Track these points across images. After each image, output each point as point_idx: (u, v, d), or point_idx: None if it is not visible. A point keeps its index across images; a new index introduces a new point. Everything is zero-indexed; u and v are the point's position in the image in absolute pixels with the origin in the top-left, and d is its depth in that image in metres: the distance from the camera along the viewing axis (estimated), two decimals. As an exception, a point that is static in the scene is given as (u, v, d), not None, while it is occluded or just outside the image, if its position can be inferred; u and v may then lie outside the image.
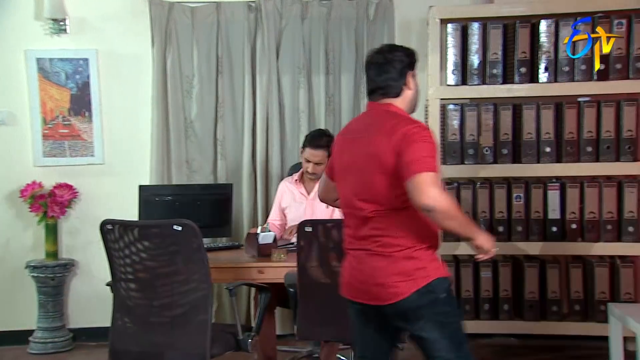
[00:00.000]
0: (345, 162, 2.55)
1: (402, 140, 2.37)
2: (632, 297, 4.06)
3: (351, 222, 2.53)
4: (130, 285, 2.97)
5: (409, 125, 2.42)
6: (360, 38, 4.54)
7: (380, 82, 2.55)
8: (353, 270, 2.52)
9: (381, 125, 2.47)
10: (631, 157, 4.03)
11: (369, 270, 2.45)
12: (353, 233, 2.52)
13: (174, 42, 4.57)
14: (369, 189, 2.45)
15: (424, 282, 2.42)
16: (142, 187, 4.06)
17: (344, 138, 2.61)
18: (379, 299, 2.44)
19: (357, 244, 2.50)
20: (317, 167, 3.89)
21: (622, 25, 3.97)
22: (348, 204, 2.53)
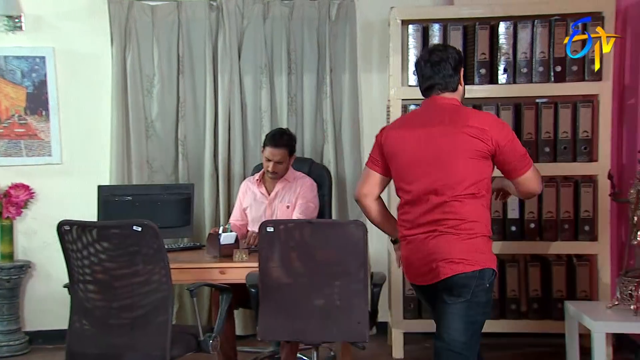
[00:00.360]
0: (416, 154, 2.72)
1: (501, 133, 2.66)
2: (588, 295, 4.15)
3: (416, 209, 2.71)
4: (88, 287, 2.93)
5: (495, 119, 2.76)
6: (322, 38, 4.55)
7: (438, 78, 2.77)
8: (413, 255, 2.73)
9: (460, 117, 2.70)
10: (587, 157, 4.12)
11: (432, 249, 2.66)
12: (414, 219, 2.72)
13: (134, 41, 4.52)
14: (451, 176, 2.66)
15: (479, 267, 2.64)
16: (101, 187, 4.01)
17: (407, 132, 2.77)
18: (437, 276, 2.65)
19: (421, 229, 2.69)
20: (278, 166, 3.89)
21: (578, 28, 4.05)
22: (420, 191, 2.70)
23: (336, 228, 3.16)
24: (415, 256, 2.72)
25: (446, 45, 3.05)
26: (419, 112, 2.92)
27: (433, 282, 2.68)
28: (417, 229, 2.71)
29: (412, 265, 2.76)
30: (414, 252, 2.72)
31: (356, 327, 3.04)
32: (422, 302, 2.89)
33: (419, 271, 2.73)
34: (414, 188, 2.74)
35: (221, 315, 3.16)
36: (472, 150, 2.66)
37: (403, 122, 2.94)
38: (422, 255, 2.70)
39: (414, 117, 2.93)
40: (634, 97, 4.11)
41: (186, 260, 3.64)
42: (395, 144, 2.80)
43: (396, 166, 2.80)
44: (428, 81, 2.79)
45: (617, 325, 3.43)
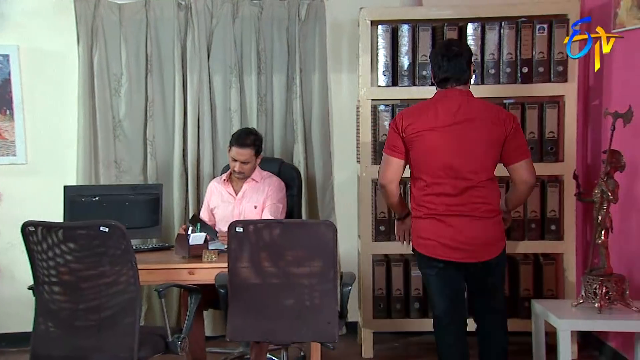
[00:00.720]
0: (441, 142, 3.03)
1: (512, 123, 3.07)
2: (554, 293, 4.22)
3: (448, 192, 3.04)
4: (54, 289, 2.90)
5: (506, 111, 3.19)
6: (292, 38, 4.56)
7: (455, 71, 3.08)
8: (456, 232, 3.04)
9: (484, 110, 3.08)
10: (553, 157, 4.19)
11: (475, 231, 3.04)
12: (449, 201, 3.04)
13: (101, 40, 4.48)
14: (478, 161, 3.04)
15: (504, 244, 3.19)
16: (67, 188, 3.97)
17: (429, 121, 3.05)
18: (482, 257, 3.07)
19: (457, 210, 3.03)
20: (244, 166, 3.89)
21: (543, 30, 4.13)
22: (447, 175, 3.03)
23: (306, 228, 3.17)
24: (460, 234, 3.04)
25: (461, 40, 3.43)
26: (436, 102, 3.14)
27: (475, 261, 3.09)
28: (456, 209, 3.04)
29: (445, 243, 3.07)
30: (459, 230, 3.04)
31: (326, 327, 3.06)
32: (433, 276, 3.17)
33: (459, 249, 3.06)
34: (439, 172, 3.05)
35: (190, 316, 3.15)
36: (491, 140, 3.06)
37: (421, 111, 3.14)
38: (468, 235, 3.04)
39: (432, 107, 3.13)
40: (598, 98, 4.19)
41: (155, 260, 3.62)
42: (418, 133, 3.07)
43: (421, 153, 3.09)
44: (444, 74, 3.09)
45: (582, 323, 3.49)
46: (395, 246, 4.26)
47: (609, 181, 3.47)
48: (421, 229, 3.16)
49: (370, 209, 4.26)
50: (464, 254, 3.08)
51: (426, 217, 3.12)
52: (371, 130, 4.24)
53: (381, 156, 4.19)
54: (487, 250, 3.10)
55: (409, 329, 4.39)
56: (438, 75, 3.11)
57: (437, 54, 3.14)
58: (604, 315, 3.38)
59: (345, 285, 3.26)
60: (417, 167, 3.14)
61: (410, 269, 4.29)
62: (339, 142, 4.67)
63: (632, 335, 3.62)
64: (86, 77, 4.48)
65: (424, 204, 3.12)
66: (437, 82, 3.14)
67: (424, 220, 3.13)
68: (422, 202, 3.13)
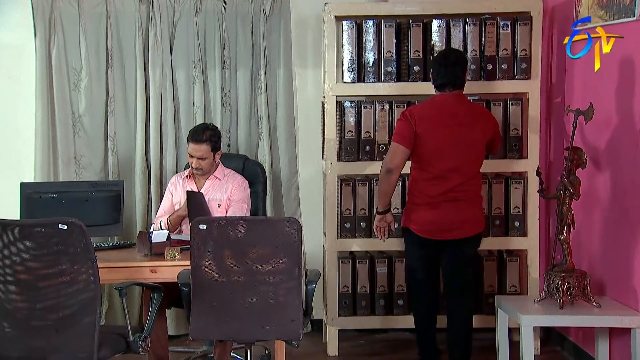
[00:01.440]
0: (444, 139, 3.51)
1: (495, 124, 3.72)
2: (518, 290, 4.27)
3: (443, 183, 3.54)
4: (9, 288, 2.84)
5: (489, 112, 3.88)
6: (256, 33, 4.53)
7: (451, 78, 3.57)
8: (447, 215, 3.55)
9: (477, 112, 3.66)
10: (517, 154, 4.24)
11: (462, 213, 3.58)
12: (443, 189, 3.53)
13: (59, 33, 4.40)
14: (473, 157, 3.60)
15: (484, 223, 3.84)
16: (24, 185, 3.90)
17: (435, 120, 3.54)
18: (467, 232, 3.61)
19: (450, 197, 3.54)
20: (201, 161, 3.87)
21: (507, 27, 4.17)
22: (451, 170, 3.53)
23: (270, 225, 3.16)
24: (452, 214, 3.54)
25: (458, 50, 3.90)
26: (440, 104, 3.60)
27: (462, 237, 3.60)
28: (449, 196, 3.53)
29: (438, 225, 3.57)
30: (451, 212, 3.54)
31: (290, 325, 3.05)
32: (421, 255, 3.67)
33: (448, 229, 3.57)
34: (442, 167, 3.53)
35: (151, 314, 3.12)
36: (483, 140, 3.62)
37: (430, 110, 3.59)
38: (459, 216, 3.56)
39: (437, 108, 3.60)
40: (560, 95, 4.25)
41: (116, 259, 3.57)
42: (427, 129, 3.52)
43: (427, 148, 3.53)
44: (442, 79, 3.58)
45: (544, 319, 3.54)
46: (360, 243, 4.29)
47: (571, 178, 3.52)
48: (420, 215, 3.60)
49: (335, 206, 4.27)
50: (455, 232, 3.59)
51: (425, 204, 3.58)
52: (336, 127, 4.24)
53: (346, 152, 4.24)
54: (473, 227, 3.65)
55: (375, 326, 4.41)
56: (437, 80, 3.60)
57: (436, 61, 3.64)
58: (565, 311, 3.44)
59: (310, 282, 3.25)
60: (423, 161, 3.58)
61: (376, 266, 4.31)
62: (304, 138, 4.66)
63: (592, 330, 3.69)
64: (44, 71, 4.40)
65: (425, 193, 3.58)
66: (435, 86, 3.62)
67: (424, 206, 3.58)
68: (423, 191, 3.58)
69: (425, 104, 3.67)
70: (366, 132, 4.25)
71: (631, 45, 3.44)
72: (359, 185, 4.27)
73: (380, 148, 4.24)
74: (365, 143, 4.25)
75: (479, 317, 4.21)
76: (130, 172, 4.52)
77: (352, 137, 4.25)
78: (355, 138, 4.25)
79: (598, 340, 3.63)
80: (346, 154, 4.25)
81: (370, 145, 4.25)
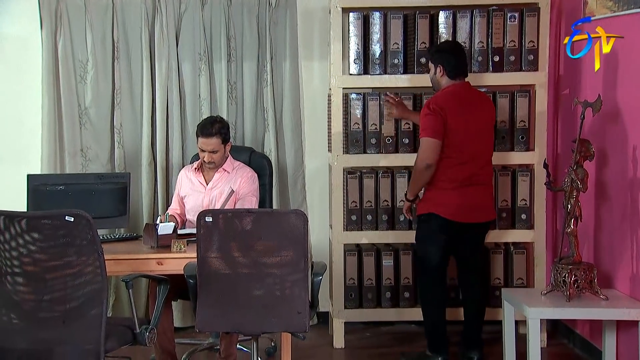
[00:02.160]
0: (468, 128, 3.68)
1: (494, 107, 3.98)
2: (524, 282, 4.27)
3: (468, 167, 3.71)
4: (17, 280, 2.85)
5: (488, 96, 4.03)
6: (262, 25, 4.52)
7: (465, 66, 3.80)
8: (475, 197, 3.74)
9: (483, 97, 3.89)
10: (524, 146, 4.23)
11: (486, 196, 3.82)
12: (469, 173, 3.71)
13: (65, 25, 4.41)
14: (489, 141, 3.86)
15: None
16: (31, 177, 3.90)
17: (460, 110, 3.68)
18: (489, 216, 3.86)
19: (475, 180, 3.73)
20: (213, 155, 3.87)
21: (514, 18, 4.16)
22: (474, 154, 3.72)
23: (276, 217, 3.16)
24: (478, 198, 3.75)
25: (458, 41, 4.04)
26: (456, 92, 3.73)
27: (483, 220, 3.82)
28: (475, 179, 3.72)
29: (468, 208, 3.72)
30: (477, 196, 3.74)
31: (296, 317, 3.06)
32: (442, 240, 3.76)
33: (476, 211, 3.75)
34: (468, 152, 3.69)
35: (158, 306, 3.12)
36: (492, 123, 3.89)
37: (449, 100, 3.70)
38: (484, 200, 3.78)
39: (455, 97, 3.73)
40: (568, 87, 4.24)
41: (122, 251, 3.58)
42: (455, 119, 3.66)
43: (456, 137, 3.67)
44: (457, 68, 3.75)
45: (551, 311, 3.54)
46: (367, 235, 4.29)
47: (578, 170, 3.51)
48: (448, 199, 3.71)
49: (341, 198, 4.27)
50: (480, 214, 3.79)
51: (452, 189, 3.70)
52: (343, 119, 4.24)
53: (352, 145, 4.24)
54: (492, 211, 3.91)
55: (381, 319, 4.42)
56: (452, 71, 3.74)
57: (448, 52, 3.77)
58: (572, 304, 3.43)
59: (316, 275, 3.26)
60: (451, 149, 3.69)
61: (382, 259, 4.31)
62: (310, 130, 4.66)
63: (600, 323, 3.68)
64: (50, 63, 4.41)
65: (452, 179, 3.70)
66: (450, 76, 3.74)
67: (451, 190, 3.70)
68: (449, 177, 3.70)
69: (445, 95, 3.73)
70: (372, 125, 4.24)
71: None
72: (365, 177, 4.27)
73: (387, 140, 4.24)
74: (372, 135, 4.25)
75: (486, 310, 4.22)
76: (136, 165, 4.54)
77: (359, 130, 4.24)
78: (362, 130, 4.25)
79: (605, 333, 3.62)
80: (352, 146, 4.25)
81: (377, 138, 4.25)
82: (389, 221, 4.27)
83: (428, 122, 3.66)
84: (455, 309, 4.09)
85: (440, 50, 3.81)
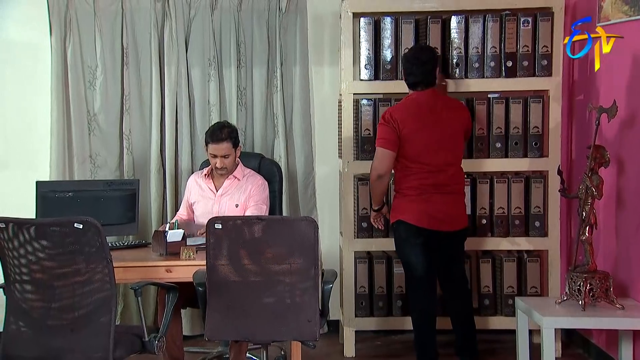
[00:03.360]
0: (430, 136, 3.66)
1: (467, 111, 3.92)
2: (538, 291, 4.25)
3: (432, 176, 3.67)
4: (25, 287, 2.86)
5: (460, 102, 3.96)
6: (272, 30, 4.53)
7: (424, 77, 3.72)
8: (441, 206, 3.69)
9: (451, 105, 3.82)
10: (538, 153, 4.21)
11: (454, 206, 3.76)
12: (433, 182, 3.67)
13: (75, 31, 4.44)
14: (457, 150, 3.79)
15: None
16: (40, 183, 3.92)
17: (418, 119, 3.66)
18: (459, 225, 3.80)
19: (441, 189, 3.68)
20: (225, 160, 3.87)
21: (528, 23, 4.15)
22: (438, 164, 3.68)
23: (286, 225, 3.16)
24: (444, 206, 3.70)
25: (429, 46, 3.95)
26: (418, 103, 3.73)
27: (454, 229, 3.76)
28: (439, 188, 3.68)
29: (432, 216, 3.69)
30: (443, 204, 3.70)
31: (306, 326, 3.05)
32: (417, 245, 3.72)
33: (443, 220, 3.71)
34: (432, 161, 3.67)
35: (167, 315, 3.13)
36: (461, 130, 3.81)
37: (409, 110, 3.71)
38: (450, 208, 3.73)
39: (416, 106, 3.72)
40: (582, 92, 4.22)
41: (131, 258, 3.58)
42: (411, 129, 3.64)
43: (413, 147, 3.66)
44: (415, 78, 3.72)
45: (566, 321, 3.51)
46: (378, 243, 4.28)
47: (593, 177, 3.49)
48: (412, 206, 3.71)
49: (352, 205, 4.26)
50: (448, 224, 3.73)
51: (417, 196, 3.69)
52: (353, 125, 4.24)
53: (363, 151, 4.23)
54: (462, 220, 3.84)
55: (392, 327, 4.40)
56: (409, 79, 3.74)
57: (407, 60, 3.76)
58: (587, 313, 3.41)
59: (326, 282, 3.25)
60: (410, 159, 3.69)
61: (393, 266, 4.30)
62: (321, 136, 4.66)
63: (616, 333, 3.65)
64: (59, 69, 4.43)
65: (415, 187, 3.69)
66: (409, 84, 3.76)
67: (415, 198, 3.69)
68: (413, 185, 3.69)
69: (403, 104, 3.77)
70: (383, 131, 4.23)
71: (656, 41, 3.40)
72: (376, 184, 4.25)
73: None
74: (383, 141, 4.23)
75: (499, 319, 4.21)
76: (145, 171, 4.55)
77: (369, 136, 4.24)
78: (373, 136, 4.23)
79: (621, 343, 3.59)
80: (363, 152, 4.25)
81: (388, 144, 4.23)
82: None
83: (381, 133, 3.72)
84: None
85: (403, 57, 3.86)
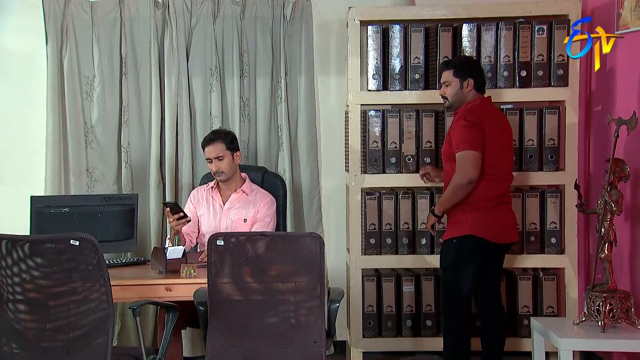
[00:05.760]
0: (501, 142, 3.71)
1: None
2: (555, 311, 4.22)
3: (504, 185, 3.75)
4: (19, 307, 2.87)
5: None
6: (276, 39, 4.55)
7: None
8: (510, 218, 3.78)
9: (503, 115, 3.97)
10: (554, 166, 4.20)
11: (514, 215, 3.85)
12: (504, 193, 3.75)
13: (72, 40, 4.46)
14: (512, 158, 3.87)
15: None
16: (34, 198, 3.92)
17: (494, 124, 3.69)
18: (517, 236, 3.91)
19: (504, 199, 3.76)
20: (219, 162, 3.90)
21: (543, 31, 4.15)
22: (505, 171, 3.76)
23: (291, 241, 3.15)
24: (508, 221, 3.76)
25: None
26: (486, 106, 3.76)
27: (513, 241, 3.84)
28: (502, 200, 3.73)
29: (502, 225, 3.72)
30: (508, 217, 3.77)
31: (312, 347, 3.04)
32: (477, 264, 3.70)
33: (510, 231, 3.78)
34: (500, 169, 3.70)
35: (166, 335, 3.13)
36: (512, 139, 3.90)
37: (483, 112, 3.69)
38: (512, 221, 3.80)
39: (487, 109, 3.75)
40: (601, 103, 4.21)
41: (129, 276, 3.58)
42: (491, 132, 3.65)
43: (492, 152, 3.65)
44: (483, 83, 3.82)
45: (584, 343, 3.48)
46: (386, 260, 4.26)
47: (612, 191, 3.47)
48: (489, 217, 3.66)
49: (359, 221, 4.25)
50: (512, 235, 3.81)
51: (491, 207, 3.67)
52: (361, 137, 4.24)
53: (371, 164, 4.23)
54: (516, 231, 3.90)
55: (401, 349, 4.37)
56: (479, 84, 3.77)
57: (474, 64, 3.88)
58: (607, 335, 3.38)
59: (333, 301, 3.25)
60: (488, 164, 3.66)
61: (403, 285, 4.28)
62: (327, 149, 4.66)
63: (637, 356, 3.62)
64: (55, 79, 4.45)
65: (489, 196, 3.66)
66: (477, 89, 3.75)
67: (490, 210, 3.67)
68: (486, 194, 3.66)
69: (478, 108, 3.69)
70: (392, 143, 4.23)
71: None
72: (384, 198, 4.25)
73: (407, 159, 4.22)
74: (391, 154, 4.23)
75: (514, 340, 4.17)
76: (144, 185, 4.55)
77: (377, 148, 4.24)
78: (381, 149, 4.24)
79: (643, 366, 3.57)
80: (371, 165, 4.24)
81: (397, 157, 4.23)
82: (409, 245, 4.24)
83: (468, 134, 3.58)
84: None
85: (469, 63, 3.84)
